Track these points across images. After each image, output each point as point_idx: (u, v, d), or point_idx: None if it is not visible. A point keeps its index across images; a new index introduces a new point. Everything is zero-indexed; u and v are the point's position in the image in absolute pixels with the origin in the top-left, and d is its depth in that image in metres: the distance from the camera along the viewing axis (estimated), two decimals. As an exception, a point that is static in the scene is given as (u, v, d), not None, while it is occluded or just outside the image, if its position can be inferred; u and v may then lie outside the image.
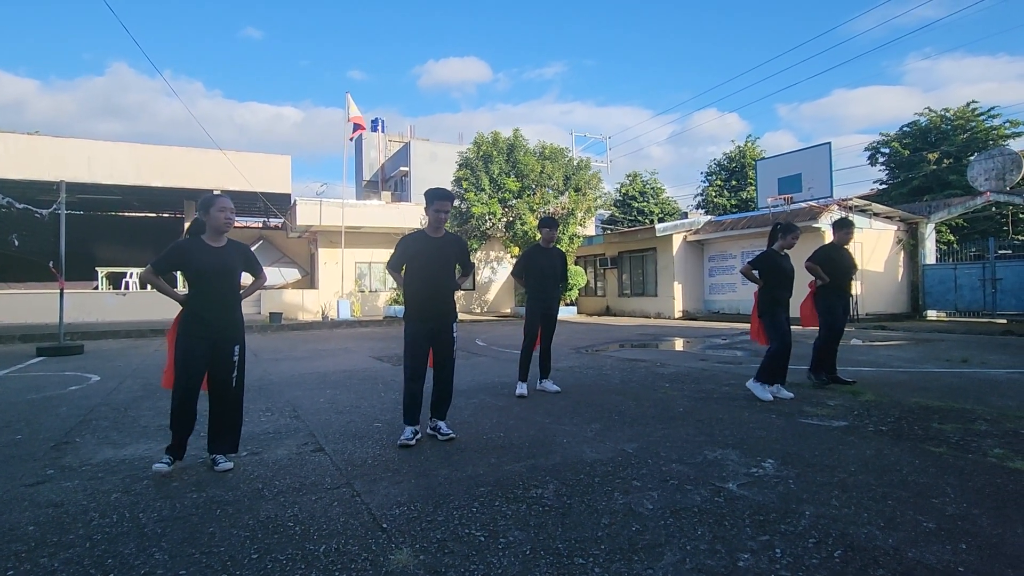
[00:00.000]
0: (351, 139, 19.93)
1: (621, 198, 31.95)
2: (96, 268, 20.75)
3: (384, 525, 2.35)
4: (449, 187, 19.34)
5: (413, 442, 3.55)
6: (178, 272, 3.26)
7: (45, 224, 13.56)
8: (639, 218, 30.31)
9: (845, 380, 5.33)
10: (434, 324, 3.71)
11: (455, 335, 3.81)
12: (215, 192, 3.25)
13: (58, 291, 10.00)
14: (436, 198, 3.70)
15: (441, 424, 3.77)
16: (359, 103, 18.25)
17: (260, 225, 24.47)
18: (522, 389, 5.15)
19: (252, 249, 3.42)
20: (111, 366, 7.83)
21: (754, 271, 4.96)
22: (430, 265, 3.72)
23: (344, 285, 18.99)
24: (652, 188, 31.73)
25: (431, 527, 2.32)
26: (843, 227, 5.52)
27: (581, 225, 19.37)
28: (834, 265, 5.37)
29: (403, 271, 3.84)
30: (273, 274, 21.63)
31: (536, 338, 5.31)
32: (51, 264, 10.08)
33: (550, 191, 18.55)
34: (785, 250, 5.00)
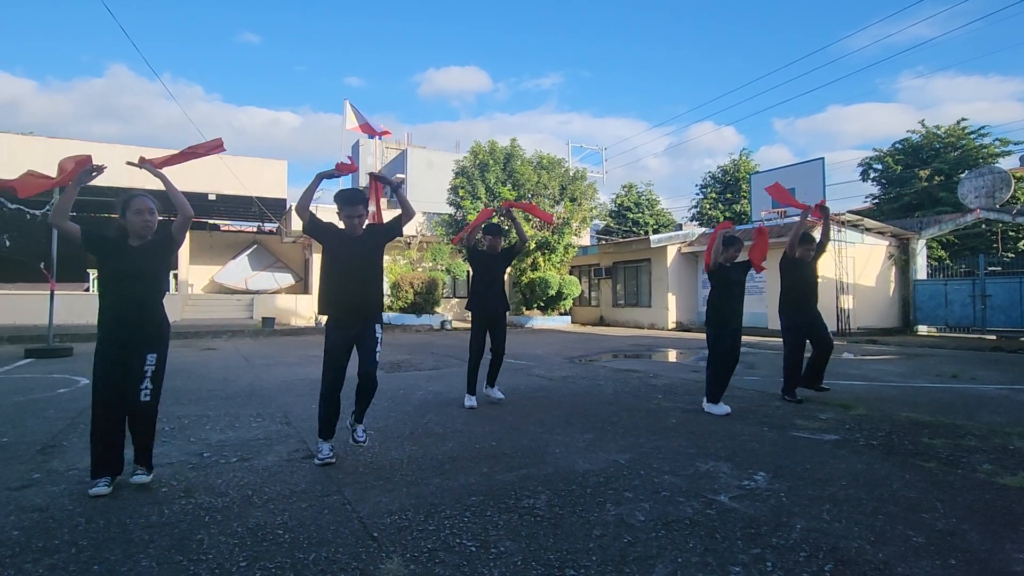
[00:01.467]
0: (372, 138, 19.98)
1: (616, 209, 32.11)
2: (87, 270, 20.60)
3: (374, 534, 2.33)
4: (445, 195, 19.40)
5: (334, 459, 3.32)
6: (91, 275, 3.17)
7: (37, 225, 13.47)
8: (634, 229, 30.45)
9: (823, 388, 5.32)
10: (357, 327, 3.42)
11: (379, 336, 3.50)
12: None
13: (48, 292, 9.91)
14: (347, 203, 3.38)
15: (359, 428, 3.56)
16: (361, 110, 18.24)
17: (255, 230, 24.40)
18: (471, 401, 5.00)
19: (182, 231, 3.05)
20: (100, 369, 7.74)
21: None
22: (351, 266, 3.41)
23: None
24: (647, 199, 31.91)
25: (422, 536, 2.31)
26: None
27: (576, 235, 19.45)
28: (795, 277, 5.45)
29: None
30: (267, 279, 21.57)
31: (483, 348, 5.08)
32: (42, 265, 10.00)
33: (546, 200, 18.63)
34: (729, 262, 4.89)
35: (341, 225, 3.48)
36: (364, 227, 3.49)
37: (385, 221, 3.79)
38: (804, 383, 5.31)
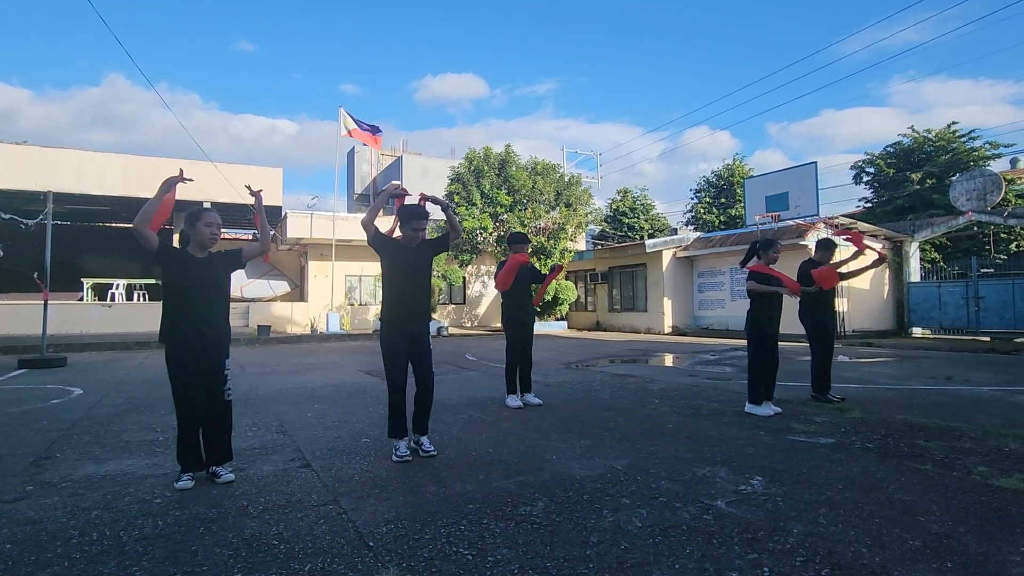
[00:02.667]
0: (367, 145, 20.11)
1: (612, 214, 32.22)
2: (82, 279, 20.50)
3: (370, 543, 2.32)
4: (441, 201, 19.41)
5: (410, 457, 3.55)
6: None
7: (31, 234, 13.42)
8: (629, 234, 30.54)
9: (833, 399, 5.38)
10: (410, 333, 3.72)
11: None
12: (204, 205, 3.43)
13: (42, 302, 9.86)
14: (412, 217, 3.74)
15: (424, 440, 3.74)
16: (355, 116, 18.27)
17: (250, 237, 24.35)
18: (515, 402, 5.30)
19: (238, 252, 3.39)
20: (94, 379, 7.70)
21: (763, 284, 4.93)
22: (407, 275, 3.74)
23: (334, 298, 18.89)
24: (642, 204, 32.04)
25: (418, 545, 2.30)
26: (824, 247, 5.70)
27: (572, 240, 19.48)
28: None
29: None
30: (262, 287, 21.49)
31: (519, 351, 5.41)
32: (35, 275, 9.95)
33: (541, 206, 18.68)
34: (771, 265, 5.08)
35: (396, 235, 3.88)
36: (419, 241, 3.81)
37: (429, 237, 3.99)
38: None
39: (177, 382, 3.10)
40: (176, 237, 4.29)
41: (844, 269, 5.66)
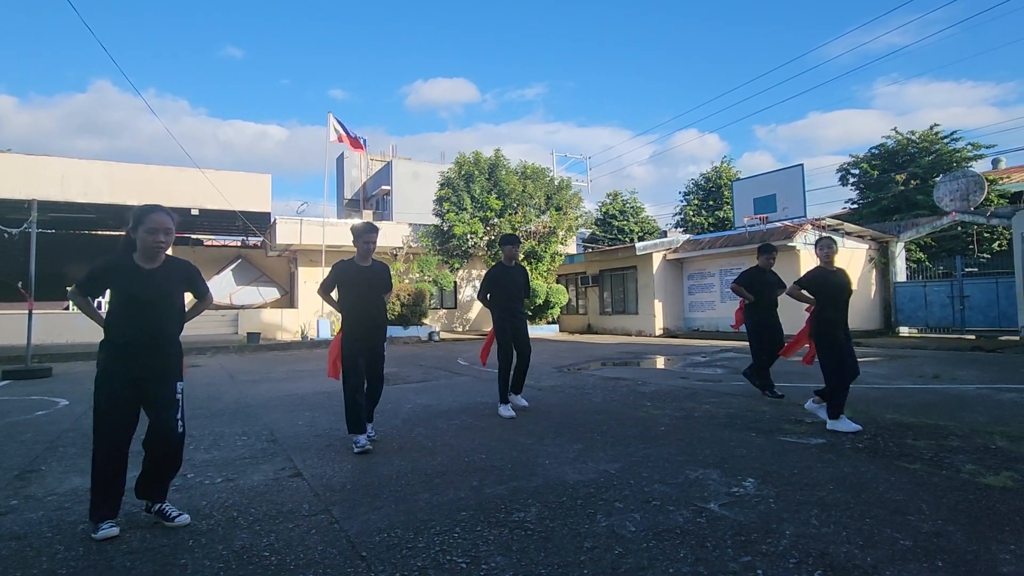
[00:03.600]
0: (353, 151, 20.08)
1: (602, 217, 32.32)
2: (67, 288, 20.21)
3: (363, 553, 2.30)
4: (431, 206, 19.39)
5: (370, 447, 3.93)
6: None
7: (15, 243, 13.22)
8: (619, 237, 30.65)
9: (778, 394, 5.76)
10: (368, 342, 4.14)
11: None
12: (156, 206, 2.73)
13: (27, 312, 9.70)
14: (364, 231, 4.16)
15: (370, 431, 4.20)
16: (345, 122, 18.23)
17: (239, 244, 24.16)
18: (508, 411, 5.12)
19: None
20: (80, 390, 7.59)
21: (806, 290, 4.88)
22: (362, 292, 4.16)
23: (324, 305, 18.77)
24: (632, 207, 32.18)
25: (411, 554, 2.28)
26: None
27: (562, 244, 19.53)
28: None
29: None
30: (251, 293, 21.33)
31: (512, 357, 5.27)
32: (20, 284, 9.80)
33: (532, 210, 18.70)
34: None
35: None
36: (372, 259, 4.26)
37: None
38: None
39: (101, 404, 2.56)
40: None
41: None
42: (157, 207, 2.72)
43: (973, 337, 13.03)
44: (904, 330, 15.16)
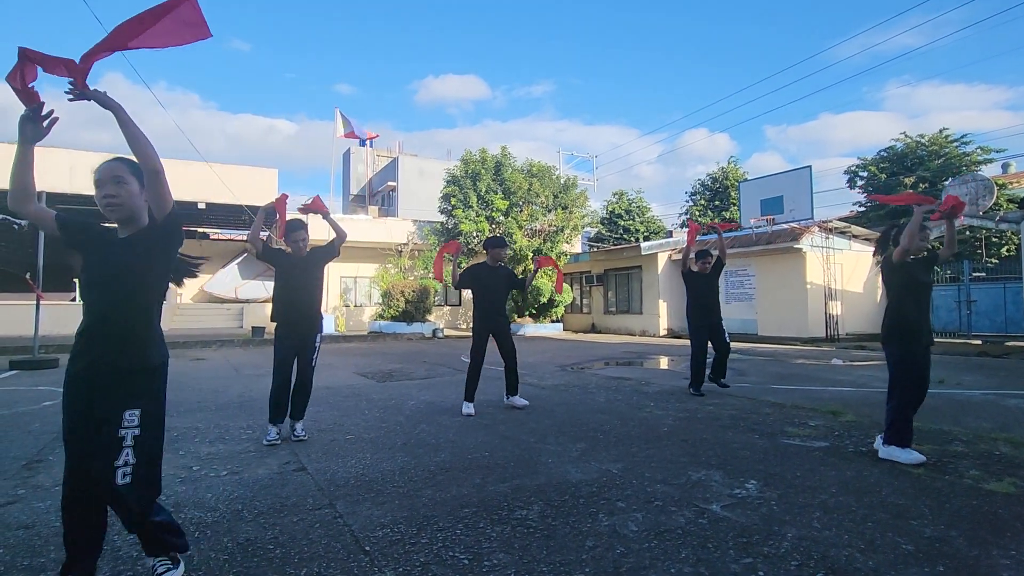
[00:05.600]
0: (362, 144, 20.15)
1: (607, 216, 32.28)
2: (74, 280, 20.36)
3: (366, 548, 2.32)
4: (436, 203, 19.42)
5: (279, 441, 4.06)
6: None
7: (24, 234, 13.31)
8: (625, 236, 30.61)
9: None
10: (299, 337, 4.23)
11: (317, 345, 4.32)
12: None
13: (34, 303, 9.78)
14: (291, 230, 4.24)
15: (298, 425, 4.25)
16: (352, 117, 18.29)
17: (245, 238, 24.25)
18: (469, 409, 5.14)
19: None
20: (87, 381, 7.64)
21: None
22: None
23: (329, 300, 18.83)
24: (638, 206, 32.12)
25: (414, 550, 2.30)
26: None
27: (568, 242, 19.52)
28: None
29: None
30: (257, 287, 21.40)
31: (482, 358, 5.32)
32: (27, 275, 9.88)
33: (537, 208, 18.70)
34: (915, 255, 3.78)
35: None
36: (307, 249, 4.28)
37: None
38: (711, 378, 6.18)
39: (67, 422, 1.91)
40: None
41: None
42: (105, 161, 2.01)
43: (979, 342, 12.96)
44: (910, 334, 15.09)
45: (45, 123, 1.83)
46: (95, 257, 1.94)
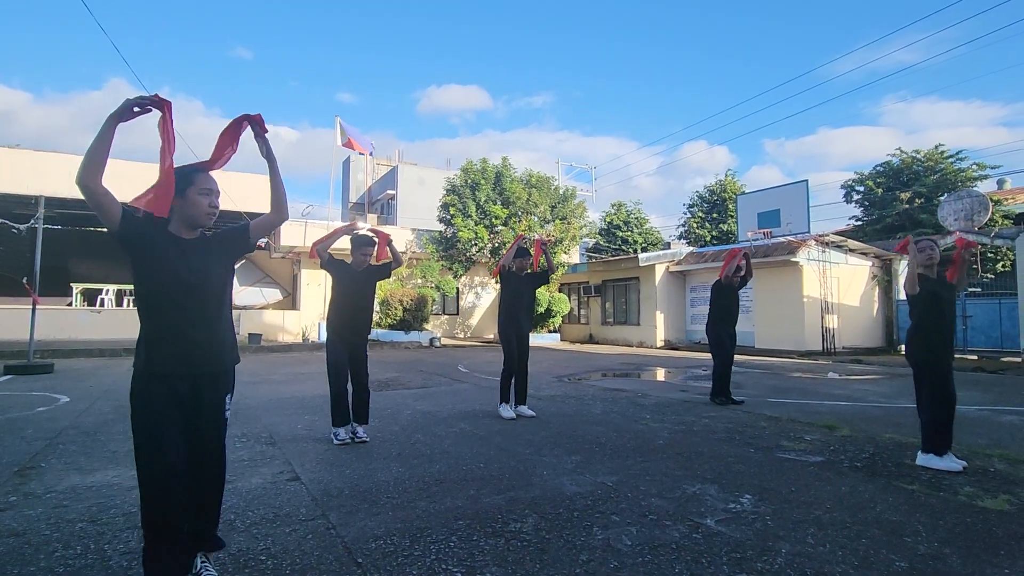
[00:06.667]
0: (361, 153, 20.27)
1: (606, 227, 32.36)
2: (71, 284, 20.32)
3: (359, 559, 2.31)
4: (435, 212, 19.47)
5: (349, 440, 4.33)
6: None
7: (22, 238, 13.30)
8: (623, 247, 30.67)
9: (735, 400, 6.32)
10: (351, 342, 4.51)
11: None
12: (195, 167, 2.19)
13: (30, 307, 9.75)
14: (362, 244, 4.56)
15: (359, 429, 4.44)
16: (354, 126, 18.37)
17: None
18: (508, 412, 5.42)
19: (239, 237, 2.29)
20: (81, 386, 7.61)
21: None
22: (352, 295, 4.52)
23: (326, 307, 18.81)
24: (636, 218, 32.21)
25: (407, 562, 2.29)
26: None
27: (566, 253, 19.56)
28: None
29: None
30: (254, 294, 21.37)
31: (515, 363, 5.52)
32: (24, 280, 9.86)
33: (536, 219, 18.76)
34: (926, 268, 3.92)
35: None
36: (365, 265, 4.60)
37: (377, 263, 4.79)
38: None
39: (144, 433, 1.91)
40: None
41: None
42: (199, 168, 2.19)
43: (975, 357, 12.98)
44: (906, 348, 15.12)
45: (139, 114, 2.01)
46: (162, 257, 2.04)
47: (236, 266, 2.41)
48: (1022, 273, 12.00)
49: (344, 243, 4.54)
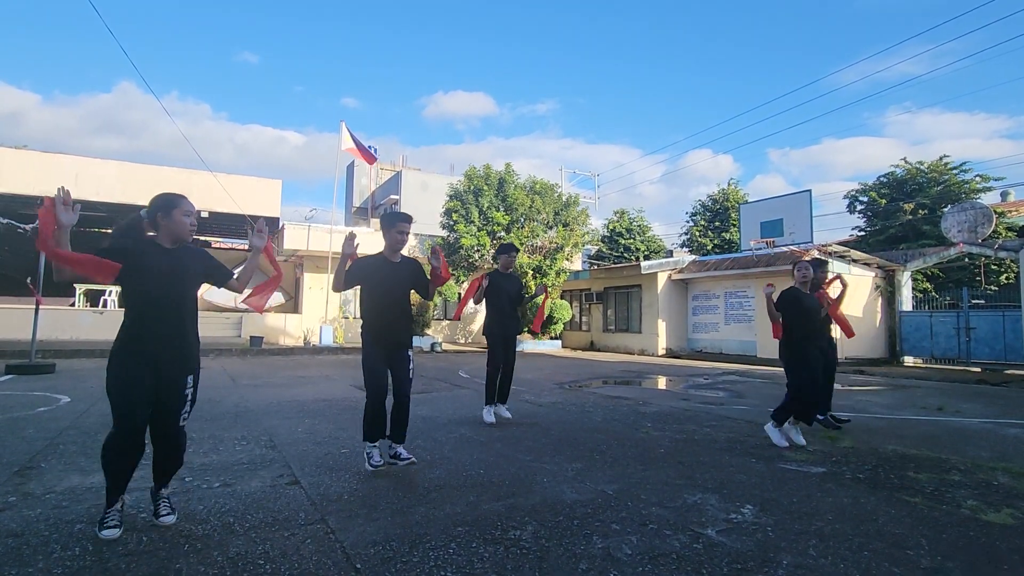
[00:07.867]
0: (368, 162, 20.43)
1: (608, 234, 32.39)
2: (74, 285, 20.37)
3: (357, 565, 2.29)
4: (439, 218, 19.51)
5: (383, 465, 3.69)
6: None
7: (27, 239, 13.34)
8: (625, 255, 30.68)
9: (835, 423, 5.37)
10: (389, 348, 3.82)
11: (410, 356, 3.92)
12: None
13: (33, 307, 9.78)
14: (398, 220, 3.82)
15: (400, 449, 3.82)
16: (357, 131, 18.49)
17: (246, 247, 24.31)
18: (490, 417, 5.40)
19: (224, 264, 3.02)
20: (83, 387, 7.62)
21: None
22: (388, 290, 3.80)
23: (328, 311, 18.82)
24: (639, 225, 32.24)
25: (406, 568, 2.28)
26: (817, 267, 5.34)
27: (568, 260, 19.56)
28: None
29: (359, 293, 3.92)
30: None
31: (500, 364, 5.52)
32: (29, 280, 9.89)
33: (539, 225, 18.78)
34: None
35: (406, 252, 3.93)
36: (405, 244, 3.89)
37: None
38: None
39: (116, 402, 2.58)
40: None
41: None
42: (183, 196, 2.81)
43: (978, 369, 12.91)
44: (909, 360, 15.05)
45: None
46: (150, 260, 2.64)
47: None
48: (1026, 285, 11.95)
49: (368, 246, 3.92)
